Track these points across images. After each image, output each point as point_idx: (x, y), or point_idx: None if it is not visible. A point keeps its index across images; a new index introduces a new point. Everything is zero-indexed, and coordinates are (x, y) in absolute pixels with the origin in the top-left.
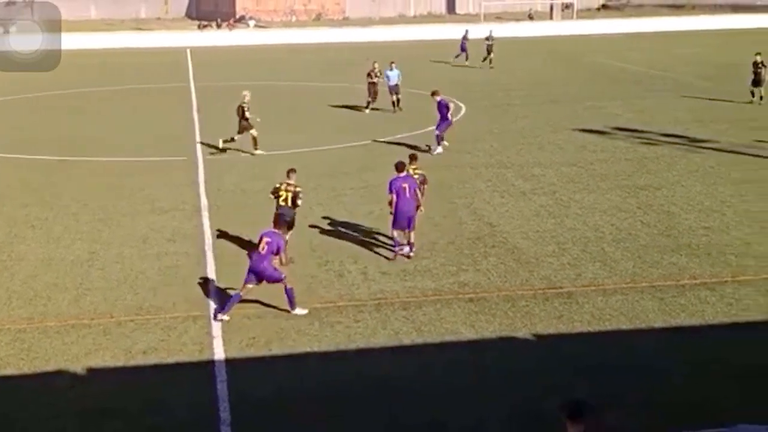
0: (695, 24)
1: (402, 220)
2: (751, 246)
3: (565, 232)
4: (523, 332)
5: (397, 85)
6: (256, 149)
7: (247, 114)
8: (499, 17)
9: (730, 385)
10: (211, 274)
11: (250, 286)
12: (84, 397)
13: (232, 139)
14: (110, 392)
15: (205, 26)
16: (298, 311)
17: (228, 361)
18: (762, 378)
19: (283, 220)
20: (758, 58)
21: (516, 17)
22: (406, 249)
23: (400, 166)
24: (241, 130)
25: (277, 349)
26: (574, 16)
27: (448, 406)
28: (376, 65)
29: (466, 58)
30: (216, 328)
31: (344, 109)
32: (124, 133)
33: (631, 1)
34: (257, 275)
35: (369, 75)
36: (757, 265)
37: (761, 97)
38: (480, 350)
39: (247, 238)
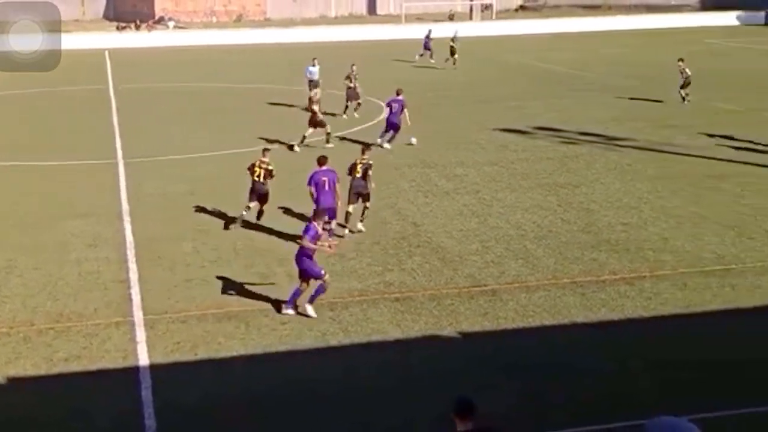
0: (611, 24)
1: (323, 213)
2: (668, 241)
3: (488, 231)
4: (448, 330)
5: (317, 80)
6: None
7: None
8: (419, 18)
9: (649, 378)
10: (134, 279)
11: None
12: (5, 406)
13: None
14: (32, 401)
15: (123, 27)
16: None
17: (153, 367)
18: (679, 371)
19: (260, 194)
20: (681, 64)
21: (435, 18)
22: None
23: (321, 160)
24: (316, 125)
25: (203, 354)
26: (494, 16)
27: (374, 408)
28: (355, 68)
29: (431, 56)
30: (140, 333)
31: (274, 109)
32: (42, 136)
33: (547, 2)
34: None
35: (348, 78)
36: (674, 259)
37: (684, 98)
38: (406, 350)
39: (168, 242)
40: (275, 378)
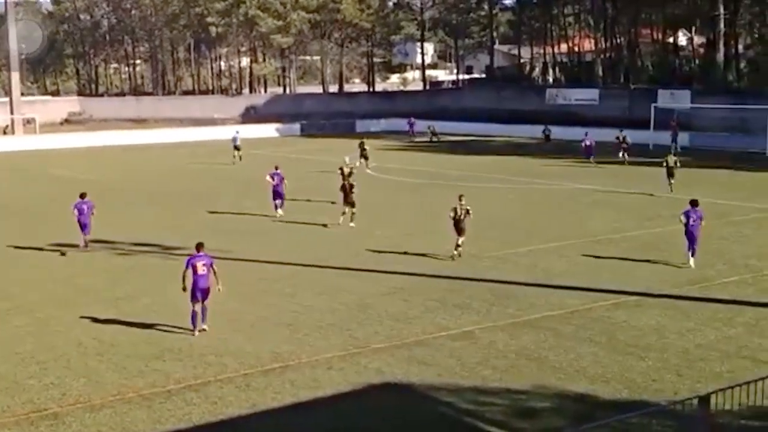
0: (157, 137)
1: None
2: (228, 345)
3: (45, 352)
4: None
5: None
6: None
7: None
8: None
9: None
10: None
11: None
12: None
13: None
14: None
15: None
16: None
17: None
18: None
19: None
20: (345, 169)
21: None
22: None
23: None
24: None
25: None
26: (38, 130)
27: None
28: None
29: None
30: None
31: None
32: None
33: (93, 116)
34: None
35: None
36: (235, 361)
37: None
38: None
39: None
40: None
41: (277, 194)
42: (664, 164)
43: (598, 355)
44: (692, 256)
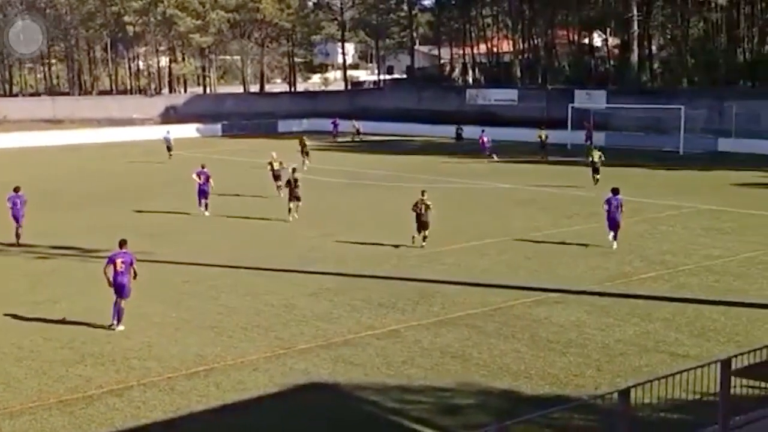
0: (76, 138)
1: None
2: (152, 348)
3: None
4: None
5: None
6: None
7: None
8: None
9: None
10: None
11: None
12: None
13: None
14: None
15: None
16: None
17: None
18: None
19: None
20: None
21: None
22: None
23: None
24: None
25: None
26: None
27: None
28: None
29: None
30: None
31: None
32: None
33: (8, 117)
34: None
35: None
36: (160, 365)
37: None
38: None
39: None
40: None
41: (202, 193)
42: (589, 159)
43: (521, 351)
44: (614, 239)
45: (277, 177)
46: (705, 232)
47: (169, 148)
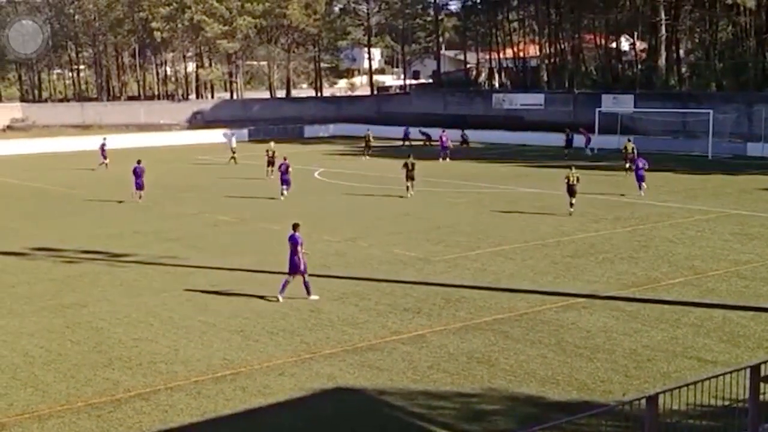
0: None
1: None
2: (178, 352)
3: None
4: None
5: None
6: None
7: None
8: None
9: None
10: None
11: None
12: None
13: None
14: None
15: None
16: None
17: None
18: None
19: None
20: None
21: None
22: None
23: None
24: None
25: None
26: None
27: None
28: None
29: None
30: None
31: None
32: None
33: (36, 122)
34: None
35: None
36: (186, 369)
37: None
38: None
39: None
40: None
41: (284, 182)
42: (566, 181)
43: (547, 357)
44: (640, 189)
45: (270, 163)
46: (734, 237)
47: (233, 150)
